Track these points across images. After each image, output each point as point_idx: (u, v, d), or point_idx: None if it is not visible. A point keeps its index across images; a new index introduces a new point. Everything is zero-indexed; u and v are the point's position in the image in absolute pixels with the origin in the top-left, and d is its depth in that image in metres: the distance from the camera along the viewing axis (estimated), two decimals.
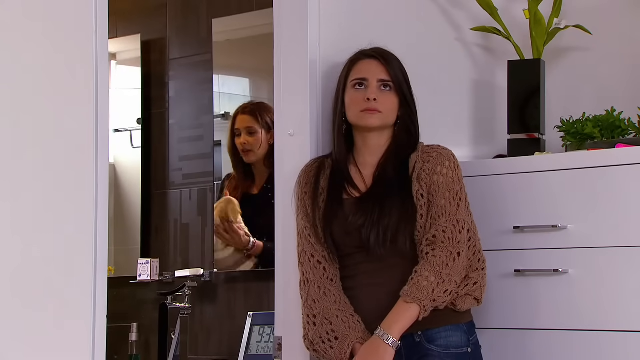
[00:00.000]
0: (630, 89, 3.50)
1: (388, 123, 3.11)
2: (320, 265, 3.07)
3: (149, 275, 4.89)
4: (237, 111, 4.74)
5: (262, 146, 4.66)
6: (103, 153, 2.85)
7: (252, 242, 4.65)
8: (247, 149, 4.68)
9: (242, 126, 4.69)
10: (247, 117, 4.70)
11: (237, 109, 4.75)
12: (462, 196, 3.04)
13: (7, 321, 2.65)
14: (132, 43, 5.22)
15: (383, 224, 2.99)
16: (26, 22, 2.75)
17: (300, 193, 3.15)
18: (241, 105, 4.76)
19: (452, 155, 3.09)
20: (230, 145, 4.73)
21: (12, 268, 2.67)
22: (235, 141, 4.70)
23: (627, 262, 3.04)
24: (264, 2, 4.61)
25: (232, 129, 4.72)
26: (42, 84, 2.77)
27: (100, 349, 2.79)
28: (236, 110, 4.75)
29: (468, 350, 3.04)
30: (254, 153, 4.68)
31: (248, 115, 4.70)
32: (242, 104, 4.76)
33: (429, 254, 2.97)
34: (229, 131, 4.73)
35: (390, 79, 3.10)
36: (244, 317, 4.59)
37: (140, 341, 4.94)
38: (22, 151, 2.72)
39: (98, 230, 2.82)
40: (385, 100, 3.09)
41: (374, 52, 3.14)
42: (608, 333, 3.06)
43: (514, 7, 3.63)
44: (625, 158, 3.07)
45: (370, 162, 3.13)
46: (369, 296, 3.04)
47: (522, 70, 3.51)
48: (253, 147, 4.67)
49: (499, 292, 3.23)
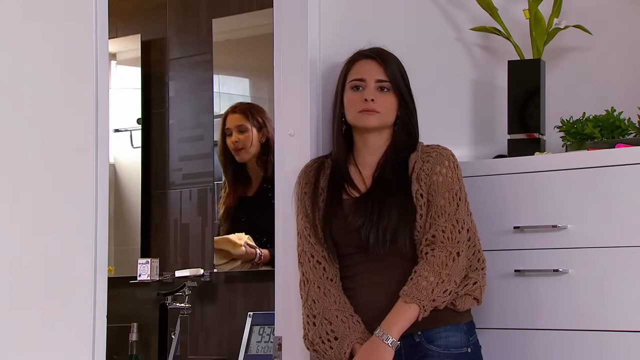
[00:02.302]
0: (630, 89, 3.50)
1: (386, 123, 3.11)
2: (320, 265, 3.07)
3: (149, 275, 4.89)
4: (227, 112, 4.73)
5: (253, 144, 4.64)
6: (103, 153, 2.85)
7: (259, 254, 4.63)
8: (239, 147, 4.66)
9: (232, 125, 4.67)
10: (238, 116, 4.68)
11: (227, 109, 4.73)
12: (462, 196, 3.04)
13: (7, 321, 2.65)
14: (132, 43, 5.22)
15: (382, 224, 2.99)
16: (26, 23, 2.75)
17: (300, 193, 3.15)
18: (231, 106, 4.75)
19: (452, 155, 3.08)
20: (221, 147, 4.71)
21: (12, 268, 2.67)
22: (226, 141, 4.69)
23: (627, 262, 3.04)
24: (264, 2, 4.61)
25: (222, 130, 4.70)
26: (42, 84, 2.77)
27: (100, 349, 2.79)
28: (226, 111, 4.73)
29: (468, 350, 3.04)
30: (245, 151, 4.65)
31: (238, 114, 4.69)
32: (232, 105, 4.75)
33: (429, 254, 2.97)
34: (220, 132, 4.72)
35: (388, 80, 3.10)
36: (244, 317, 4.59)
37: (140, 341, 4.94)
38: (22, 151, 2.72)
39: (98, 230, 2.82)
40: (383, 100, 3.09)
41: (371, 53, 3.13)
42: (608, 333, 3.06)
43: (514, 7, 3.63)
44: (625, 158, 3.07)
45: (369, 162, 3.13)
46: (368, 296, 3.04)
47: (522, 70, 3.51)
48: (245, 144, 4.65)
49: (499, 292, 3.23)
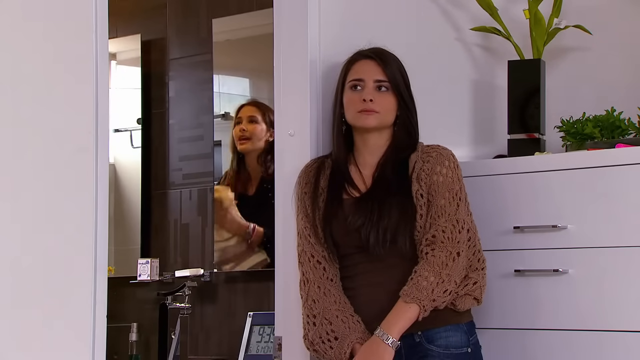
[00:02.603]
0: (630, 89, 3.50)
1: (386, 123, 3.11)
2: (320, 265, 3.07)
3: (149, 275, 4.89)
4: (242, 104, 4.77)
5: (259, 138, 4.65)
6: (103, 153, 2.85)
7: (252, 227, 4.64)
8: (245, 136, 4.67)
9: (244, 115, 4.71)
10: (252, 108, 4.72)
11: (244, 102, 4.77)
12: (462, 196, 3.04)
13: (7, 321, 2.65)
14: (132, 43, 5.23)
15: (382, 224, 2.99)
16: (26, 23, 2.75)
17: (300, 193, 3.15)
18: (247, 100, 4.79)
19: (452, 155, 3.08)
20: (232, 138, 4.74)
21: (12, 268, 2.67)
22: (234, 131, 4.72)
23: (627, 262, 3.04)
24: (264, 2, 4.61)
25: (235, 121, 4.73)
26: (42, 84, 2.77)
27: (100, 349, 2.79)
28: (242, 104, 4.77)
29: (468, 350, 3.04)
30: (250, 142, 4.66)
31: (253, 106, 4.72)
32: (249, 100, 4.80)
33: (429, 254, 2.97)
34: (233, 124, 4.74)
35: (387, 80, 3.09)
36: (244, 317, 4.59)
37: (140, 341, 4.94)
38: (22, 151, 2.72)
39: (98, 230, 2.81)
40: (381, 100, 3.08)
41: (371, 53, 3.13)
42: (608, 333, 3.06)
43: (514, 7, 3.63)
44: (625, 158, 3.07)
45: (369, 162, 3.13)
46: (368, 296, 3.04)
47: (522, 70, 3.51)
48: (252, 134, 4.66)
49: (499, 292, 3.23)
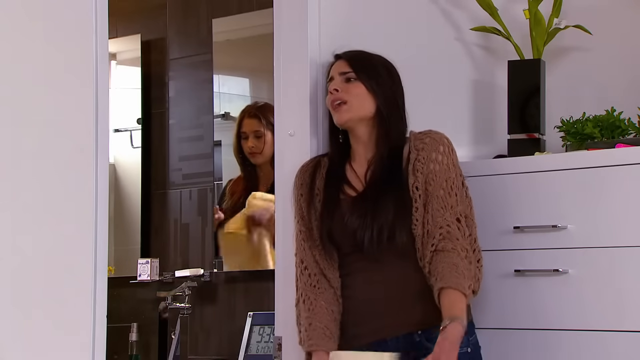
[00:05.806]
0: (630, 89, 3.50)
1: (361, 113, 3.07)
2: (307, 272, 3.07)
3: (149, 275, 4.89)
4: (242, 114, 4.76)
5: (268, 147, 4.69)
6: (103, 153, 2.85)
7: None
8: (255, 152, 4.71)
9: (249, 130, 4.72)
10: (254, 121, 4.74)
11: (243, 112, 4.76)
12: (459, 183, 3.02)
13: (7, 321, 2.66)
14: (132, 43, 5.22)
15: (378, 223, 2.98)
16: (26, 22, 2.75)
17: (297, 195, 3.14)
18: (246, 107, 4.77)
19: (446, 139, 3.06)
20: (236, 147, 4.75)
21: (12, 268, 2.67)
22: (242, 145, 4.73)
23: (627, 262, 3.04)
24: (264, 2, 4.61)
25: (238, 132, 4.74)
26: (42, 84, 2.77)
27: (100, 349, 2.79)
28: (242, 113, 4.76)
29: (468, 350, 3.03)
30: (261, 155, 4.71)
31: (254, 119, 4.73)
32: (247, 106, 4.78)
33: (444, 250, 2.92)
34: (235, 134, 4.75)
35: (352, 70, 3.09)
36: (244, 317, 4.59)
37: (140, 341, 4.94)
38: (22, 151, 2.72)
39: (98, 230, 2.82)
40: (348, 89, 3.08)
41: (342, 53, 3.15)
42: (608, 333, 3.06)
43: (514, 7, 3.63)
44: (625, 158, 3.07)
45: (364, 159, 3.11)
46: (366, 294, 3.04)
47: (522, 70, 3.51)
48: (261, 149, 4.71)
49: (499, 292, 3.23)
